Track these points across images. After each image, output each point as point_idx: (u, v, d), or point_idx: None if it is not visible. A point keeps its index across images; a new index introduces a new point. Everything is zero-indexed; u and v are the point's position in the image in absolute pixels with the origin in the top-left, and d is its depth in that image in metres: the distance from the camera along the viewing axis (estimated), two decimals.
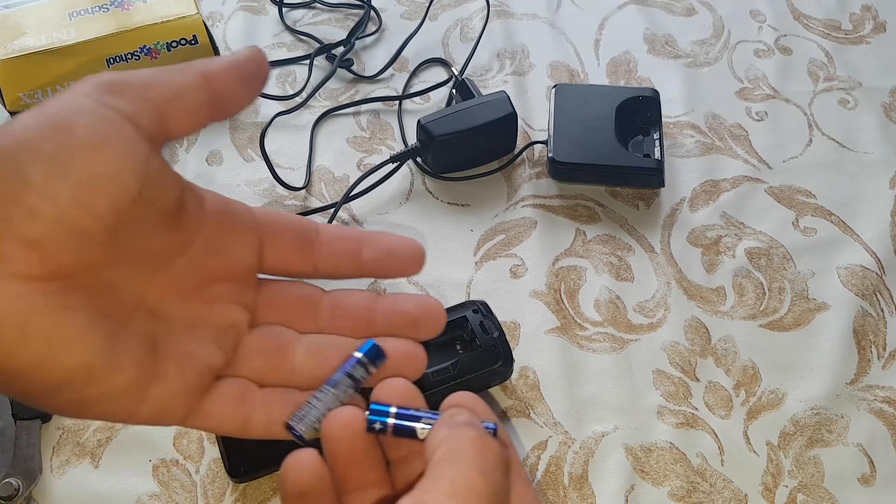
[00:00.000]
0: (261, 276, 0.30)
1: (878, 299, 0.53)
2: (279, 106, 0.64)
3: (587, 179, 0.58)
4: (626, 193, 0.58)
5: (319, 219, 0.57)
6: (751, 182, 0.59)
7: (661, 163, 0.56)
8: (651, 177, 0.56)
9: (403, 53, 0.67)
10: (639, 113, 0.59)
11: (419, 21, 0.67)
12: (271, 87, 0.66)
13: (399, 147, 0.61)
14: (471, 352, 0.46)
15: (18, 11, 0.61)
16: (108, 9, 0.61)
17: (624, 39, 0.68)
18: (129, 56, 0.60)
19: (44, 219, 0.21)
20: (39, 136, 0.22)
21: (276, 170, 0.58)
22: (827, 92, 0.64)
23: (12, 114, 0.58)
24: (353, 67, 0.66)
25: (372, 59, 0.67)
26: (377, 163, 0.58)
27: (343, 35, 0.68)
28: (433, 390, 0.43)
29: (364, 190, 0.57)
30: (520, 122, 0.60)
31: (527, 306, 0.53)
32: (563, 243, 0.56)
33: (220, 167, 0.61)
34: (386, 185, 0.58)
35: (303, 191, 0.59)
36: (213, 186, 0.59)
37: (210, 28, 0.63)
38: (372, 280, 0.54)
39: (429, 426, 0.26)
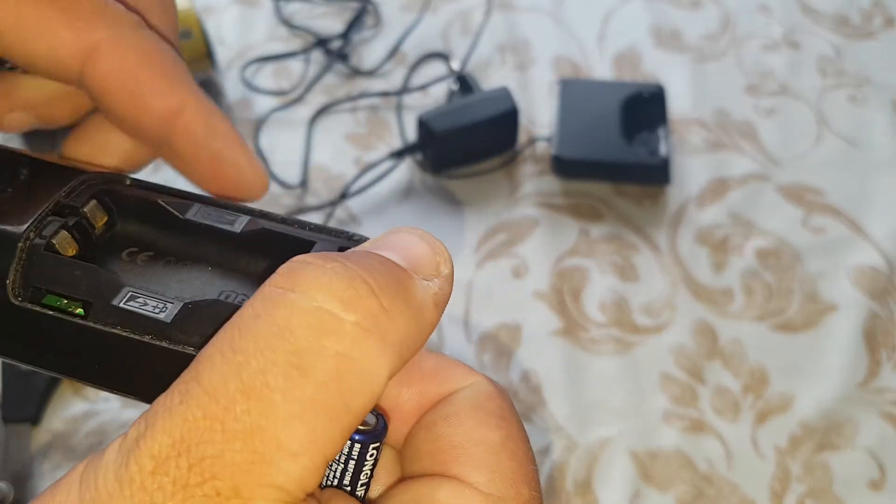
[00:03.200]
0: None
1: (888, 300, 0.52)
2: (274, 101, 0.63)
3: (591, 176, 0.57)
4: (631, 191, 0.57)
5: (316, 217, 0.56)
6: (759, 180, 0.58)
7: (667, 160, 0.56)
8: (657, 174, 0.56)
9: (402, 48, 0.66)
10: (644, 109, 0.58)
11: (418, 14, 0.67)
12: (267, 82, 0.65)
13: (398, 143, 0.61)
14: None
15: None
16: None
17: (629, 33, 0.67)
18: None
19: None
20: None
21: (272, 167, 0.58)
22: (836, 88, 0.64)
23: None
24: (351, 62, 0.65)
25: (370, 53, 0.67)
26: (376, 160, 0.57)
27: (340, 28, 0.68)
28: None
29: (362, 188, 0.57)
30: (522, 118, 0.59)
31: (529, 307, 0.52)
32: (566, 242, 0.55)
33: None
34: (385, 182, 0.57)
35: (299, 189, 0.58)
36: None
37: (204, 21, 0.62)
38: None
39: None
